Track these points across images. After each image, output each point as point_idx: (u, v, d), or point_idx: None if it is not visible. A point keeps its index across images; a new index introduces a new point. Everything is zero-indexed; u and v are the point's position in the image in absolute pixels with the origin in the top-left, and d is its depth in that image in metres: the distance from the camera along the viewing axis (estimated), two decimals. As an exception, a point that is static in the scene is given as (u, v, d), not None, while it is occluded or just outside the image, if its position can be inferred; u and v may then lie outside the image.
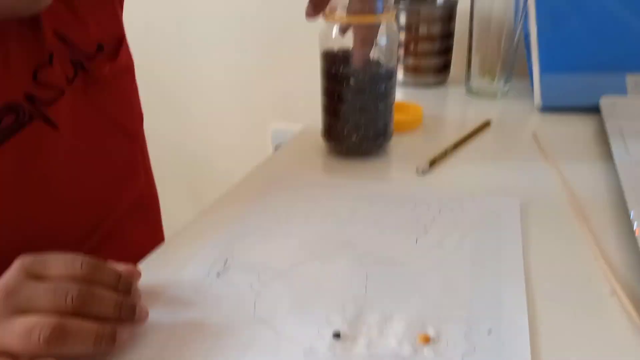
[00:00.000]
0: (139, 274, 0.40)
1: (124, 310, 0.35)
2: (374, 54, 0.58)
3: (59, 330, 0.31)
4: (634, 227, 0.45)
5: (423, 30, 0.83)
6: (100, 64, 0.52)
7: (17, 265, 0.35)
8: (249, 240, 0.47)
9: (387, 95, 0.60)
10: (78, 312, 0.33)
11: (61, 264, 0.35)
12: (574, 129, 0.71)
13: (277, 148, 1.13)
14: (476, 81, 0.82)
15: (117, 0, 0.58)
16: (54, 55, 0.48)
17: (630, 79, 0.74)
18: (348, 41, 0.57)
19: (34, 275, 0.34)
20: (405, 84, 0.89)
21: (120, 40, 0.56)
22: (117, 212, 0.57)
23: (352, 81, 0.58)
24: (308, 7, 0.54)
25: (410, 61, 0.86)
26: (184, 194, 1.42)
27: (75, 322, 0.32)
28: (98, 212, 0.54)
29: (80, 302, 0.33)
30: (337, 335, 0.36)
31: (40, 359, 0.31)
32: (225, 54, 1.18)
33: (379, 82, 0.59)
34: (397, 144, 0.66)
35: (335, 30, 0.58)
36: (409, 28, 0.84)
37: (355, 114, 0.60)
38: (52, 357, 0.31)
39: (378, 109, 0.60)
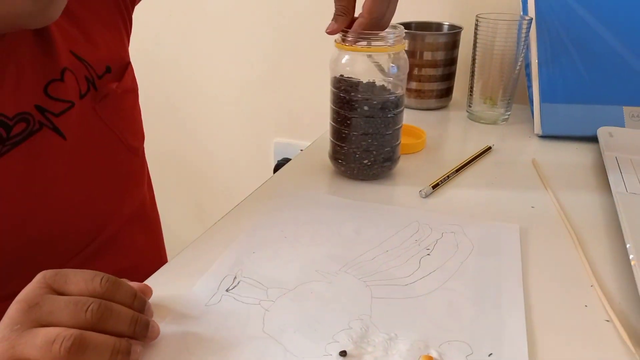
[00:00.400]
0: (150, 291, 0.42)
1: (138, 326, 0.37)
2: (383, 81, 0.60)
3: (79, 342, 0.33)
4: (630, 258, 0.47)
5: (427, 56, 0.86)
6: (107, 83, 0.56)
7: (39, 279, 0.36)
8: (256, 258, 0.49)
9: (396, 121, 0.62)
10: (96, 326, 0.35)
11: (81, 280, 0.37)
12: (573, 157, 0.73)
13: (278, 166, 1.15)
14: (478, 106, 0.84)
15: (125, 30, 0.62)
16: (69, 70, 0.52)
17: (627, 111, 0.76)
18: (358, 68, 0.59)
19: (55, 290, 0.36)
20: (408, 107, 0.91)
21: (126, 65, 0.60)
22: (116, 222, 0.59)
23: (363, 107, 0.60)
24: (331, 24, 0.57)
25: (414, 85, 0.88)
26: (187, 206, 1.43)
27: (95, 335, 0.34)
28: (98, 220, 0.56)
29: (99, 316, 0.35)
30: (343, 354, 0.38)
31: None
32: (231, 69, 1.20)
33: (389, 108, 0.60)
34: (401, 166, 0.68)
35: (346, 57, 0.59)
36: (414, 54, 0.86)
37: (365, 139, 0.61)
38: None
39: (388, 134, 0.62)
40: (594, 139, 0.74)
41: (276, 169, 1.17)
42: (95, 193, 0.56)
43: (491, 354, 0.38)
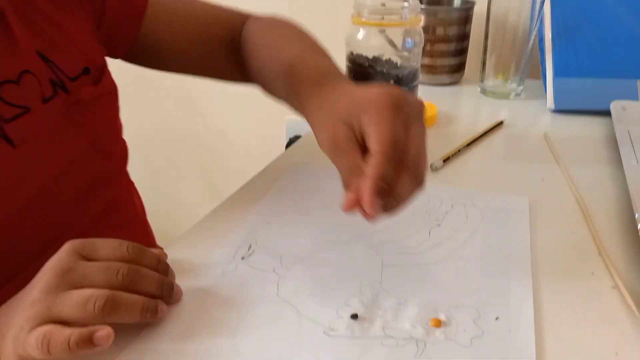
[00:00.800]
0: (165, 256, 0.44)
1: (164, 288, 0.40)
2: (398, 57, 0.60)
3: (112, 301, 0.35)
4: (638, 227, 0.47)
5: (440, 31, 0.85)
6: (82, 86, 0.52)
7: (68, 248, 0.38)
8: (271, 228, 0.50)
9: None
10: (127, 288, 0.37)
11: (109, 248, 0.39)
12: (585, 131, 0.73)
13: (290, 143, 1.16)
14: (490, 81, 0.84)
15: (99, 37, 0.57)
16: (30, 73, 0.48)
17: (641, 85, 0.76)
18: (374, 43, 0.59)
19: (85, 257, 0.38)
20: (420, 82, 0.91)
21: (103, 68, 0.56)
22: (77, 228, 0.55)
23: (378, 81, 0.60)
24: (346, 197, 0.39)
25: (426, 61, 0.88)
26: (201, 185, 1.45)
27: (126, 295, 0.37)
28: (59, 223, 0.53)
29: (129, 279, 0.37)
30: (354, 317, 0.39)
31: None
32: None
33: (405, 83, 0.61)
34: (412, 140, 0.68)
35: (361, 32, 0.60)
36: (426, 29, 0.86)
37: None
38: (105, 321, 0.35)
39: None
40: (606, 113, 0.73)
41: (288, 147, 1.18)
42: (56, 199, 0.52)
43: (497, 317, 0.39)
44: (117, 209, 0.61)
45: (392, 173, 0.37)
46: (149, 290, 0.38)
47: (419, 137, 0.39)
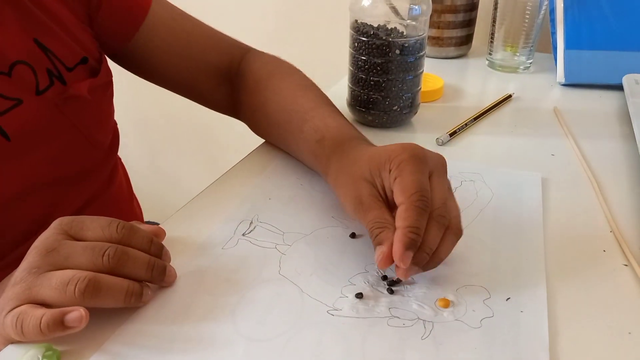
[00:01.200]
0: (164, 233, 0.42)
1: (155, 271, 0.37)
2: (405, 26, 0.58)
3: (94, 284, 0.33)
4: (653, 204, 0.46)
5: (447, 1, 0.83)
6: (79, 79, 0.51)
7: (56, 225, 0.36)
8: (272, 204, 0.49)
9: (417, 66, 0.61)
10: (113, 270, 0.35)
11: (98, 227, 0.37)
12: (596, 105, 0.71)
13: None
14: (498, 54, 0.82)
15: (93, 31, 0.55)
16: (24, 63, 0.46)
17: (655, 58, 0.73)
18: (379, 11, 0.57)
19: (72, 236, 0.36)
20: (426, 55, 0.88)
21: (101, 59, 0.55)
22: (67, 211, 0.55)
23: (384, 50, 0.58)
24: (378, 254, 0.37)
25: (433, 32, 0.86)
26: (200, 164, 1.43)
27: (109, 278, 0.34)
28: (48, 209, 0.52)
29: (116, 261, 0.35)
30: (359, 296, 0.38)
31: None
32: (241, 22, 1.17)
33: (411, 52, 0.59)
34: (418, 114, 0.66)
35: (366, 0, 0.57)
36: (433, -2, 0.83)
37: (384, 85, 0.60)
38: (87, 305, 0.33)
39: (409, 79, 0.61)
40: (618, 88, 0.71)
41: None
42: (44, 188, 0.51)
43: (509, 298, 0.38)
44: (104, 194, 0.60)
45: (421, 222, 0.36)
46: (137, 273, 0.36)
47: (443, 189, 0.39)
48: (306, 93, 0.55)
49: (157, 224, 0.49)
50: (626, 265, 0.42)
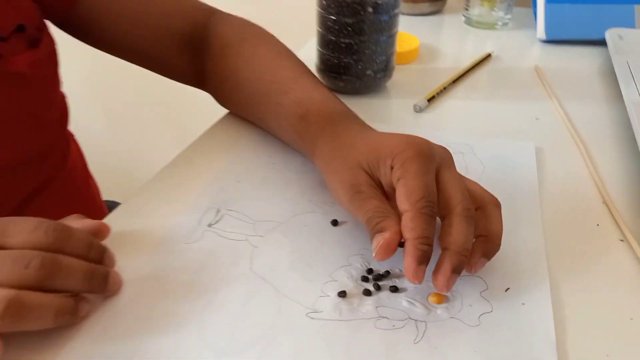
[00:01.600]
0: (107, 229, 0.36)
1: (95, 280, 0.32)
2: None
3: (15, 305, 0.28)
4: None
5: (420, -48, 0.77)
6: (17, 51, 0.45)
7: None
8: (242, 188, 0.44)
9: (392, 25, 0.55)
10: (43, 284, 0.29)
11: (23, 230, 0.31)
12: (579, 62, 0.68)
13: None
14: (475, 10, 0.77)
15: None
16: None
17: (639, 10, 0.70)
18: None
19: None
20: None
21: (41, 27, 0.48)
22: (19, 195, 0.50)
23: (357, 10, 0.52)
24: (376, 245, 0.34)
25: (405, -13, 0.80)
26: (166, 133, 1.35)
27: (34, 296, 0.29)
28: None
29: (44, 273, 0.29)
30: (342, 294, 0.34)
31: None
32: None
33: (385, 10, 0.53)
34: (392, 78, 0.61)
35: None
36: (405, -51, 0.77)
37: (360, 48, 0.55)
38: (6, 331, 0.28)
39: (382, 40, 0.55)
40: (601, 43, 0.68)
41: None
42: None
43: (508, 288, 0.34)
44: (59, 176, 0.54)
45: (429, 231, 0.32)
46: (72, 285, 0.31)
47: (457, 181, 0.35)
48: (285, 62, 0.49)
49: (118, 203, 0.43)
50: (622, 240, 0.40)
